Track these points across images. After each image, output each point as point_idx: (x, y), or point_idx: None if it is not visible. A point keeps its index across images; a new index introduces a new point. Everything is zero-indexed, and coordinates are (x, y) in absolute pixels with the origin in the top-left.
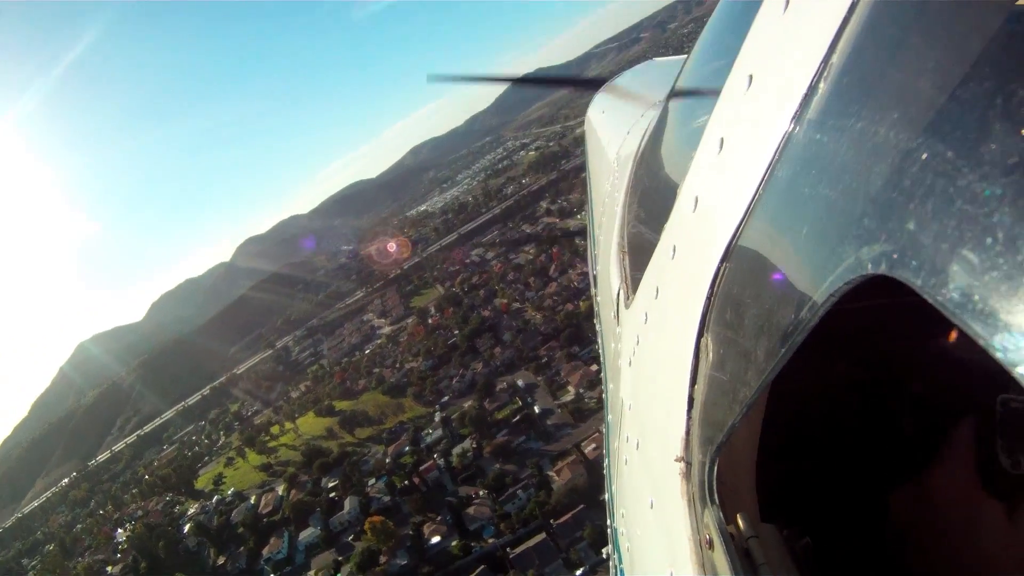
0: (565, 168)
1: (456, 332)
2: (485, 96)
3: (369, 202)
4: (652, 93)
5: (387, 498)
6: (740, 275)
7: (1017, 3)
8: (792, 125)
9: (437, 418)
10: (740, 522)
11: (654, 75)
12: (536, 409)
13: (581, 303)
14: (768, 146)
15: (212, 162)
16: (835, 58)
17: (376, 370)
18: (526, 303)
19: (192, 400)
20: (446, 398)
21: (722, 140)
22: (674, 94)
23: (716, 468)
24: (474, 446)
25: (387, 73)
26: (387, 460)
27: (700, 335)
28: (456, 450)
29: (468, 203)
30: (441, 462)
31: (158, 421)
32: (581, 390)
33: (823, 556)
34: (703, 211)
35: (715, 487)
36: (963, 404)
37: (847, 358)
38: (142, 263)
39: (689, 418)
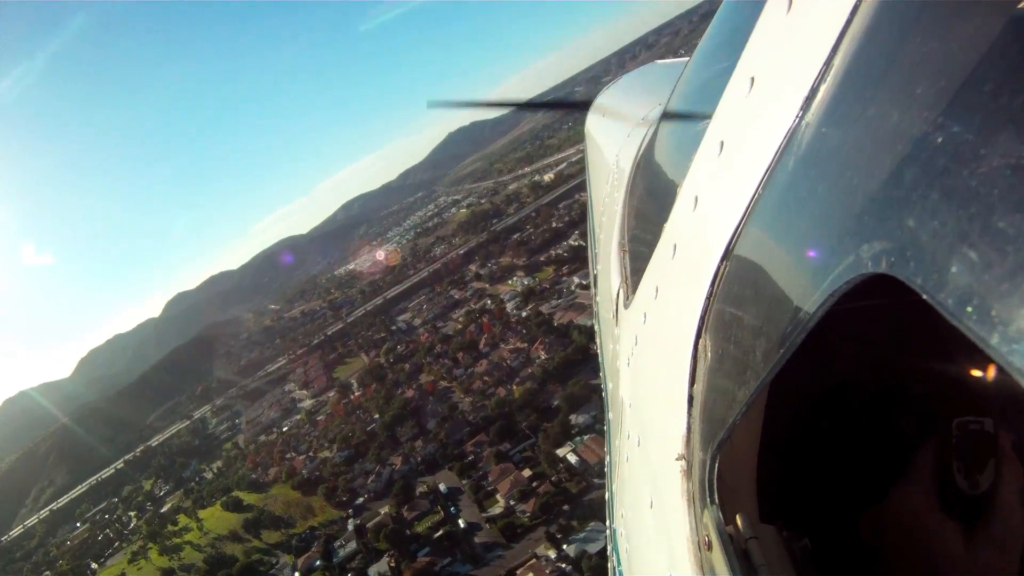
0: (496, 229)
1: (376, 416)
2: (419, 151)
3: (299, 258)
4: (653, 95)
5: None
6: (740, 274)
7: (1019, 6)
8: (794, 126)
9: (351, 526)
10: (739, 523)
11: (656, 77)
12: (461, 523)
13: (514, 388)
14: (769, 147)
15: (144, 213)
16: (837, 60)
17: (289, 455)
18: (454, 382)
19: (107, 473)
20: (361, 499)
21: (723, 141)
22: (676, 95)
23: (716, 468)
24: (392, 565)
25: (320, 127)
26: None
27: (700, 334)
28: (372, 570)
29: (396, 263)
30: None
31: (74, 493)
32: (512, 502)
33: (822, 557)
34: (703, 211)
35: (715, 487)
36: (951, 410)
37: (847, 358)
38: (72, 317)
39: (689, 417)
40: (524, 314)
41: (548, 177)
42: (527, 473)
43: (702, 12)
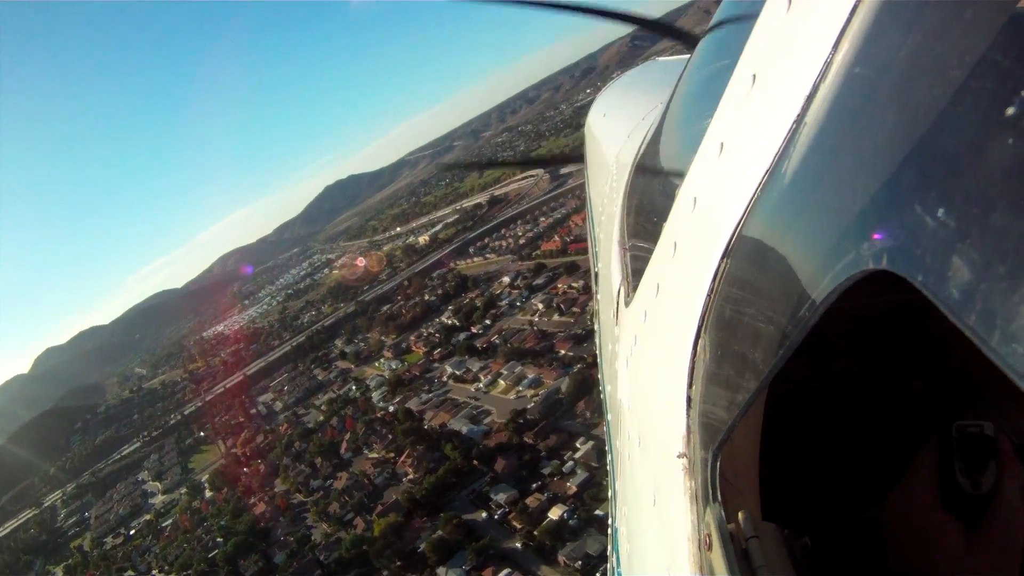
0: (365, 300)
1: (220, 539)
2: (295, 204)
3: (172, 315)
4: (654, 93)
5: None
6: (741, 272)
7: (1019, 5)
8: (794, 124)
9: None
10: (741, 521)
11: (657, 75)
12: None
13: (375, 520)
14: (770, 144)
15: (15, 258)
16: (837, 58)
17: (128, 575)
18: (310, 498)
19: None
20: None
21: (724, 138)
22: (677, 94)
23: (718, 466)
24: None
25: (198, 176)
26: None
27: (700, 333)
28: None
29: (262, 331)
30: None
31: None
32: None
33: (822, 556)
34: (704, 208)
35: (717, 485)
36: (953, 407)
37: (848, 356)
38: None
39: (689, 415)
40: (392, 408)
41: (423, 239)
42: None
43: (583, 68)
